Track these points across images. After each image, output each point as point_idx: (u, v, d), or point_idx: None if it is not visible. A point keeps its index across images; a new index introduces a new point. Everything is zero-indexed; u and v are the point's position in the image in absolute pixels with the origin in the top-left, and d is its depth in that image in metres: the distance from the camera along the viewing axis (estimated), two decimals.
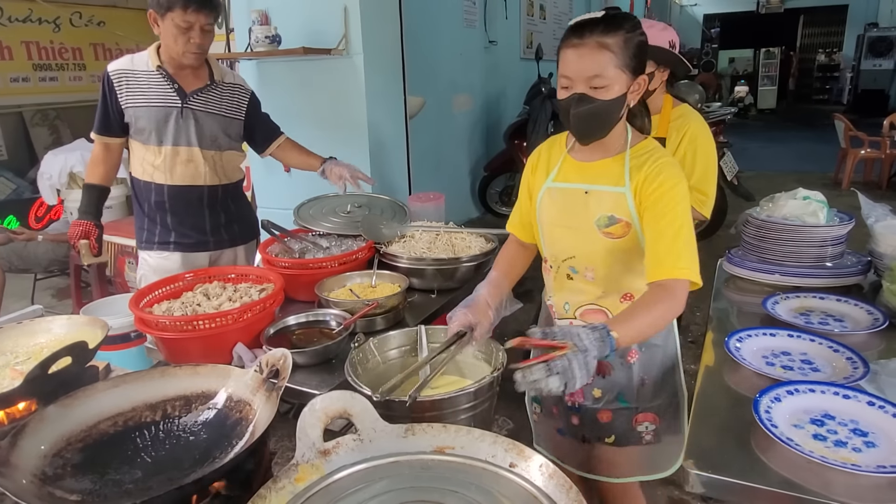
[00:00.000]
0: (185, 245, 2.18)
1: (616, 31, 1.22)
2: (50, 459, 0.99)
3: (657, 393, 1.46)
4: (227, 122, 2.17)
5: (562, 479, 0.87)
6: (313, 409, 0.98)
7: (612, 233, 1.33)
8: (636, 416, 1.46)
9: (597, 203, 1.35)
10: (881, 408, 1.11)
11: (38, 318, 1.58)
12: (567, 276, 1.44)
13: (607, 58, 1.22)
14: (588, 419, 1.50)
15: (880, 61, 13.47)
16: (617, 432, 1.48)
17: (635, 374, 1.44)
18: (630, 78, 1.26)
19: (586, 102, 1.25)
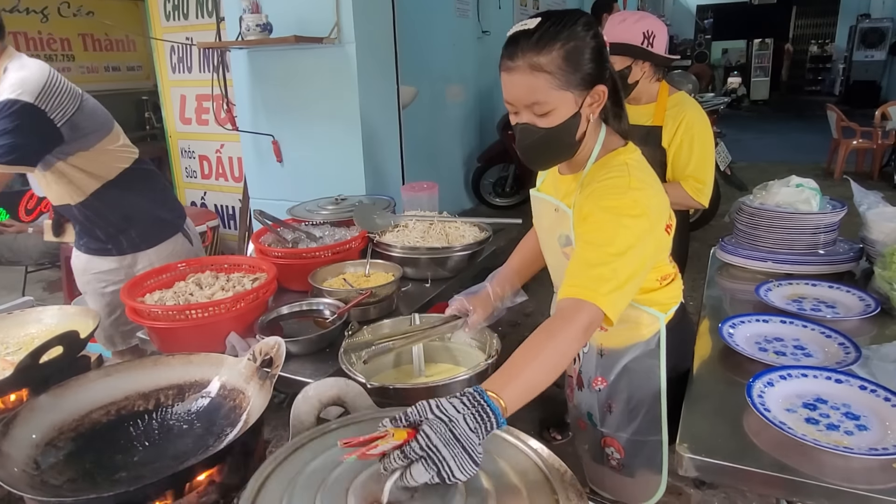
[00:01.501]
0: (89, 249, 2.07)
1: (550, 46, 1.04)
2: (42, 449, 0.98)
3: (626, 424, 1.37)
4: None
5: (556, 461, 0.87)
6: (307, 395, 0.98)
7: (568, 253, 1.22)
8: (603, 437, 1.42)
9: (561, 221, 1.24)
10: (873, 392, 1.12)
11: (28, 308, 1.57)
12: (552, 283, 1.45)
13: (542, 80, 1.05)
14: (573, 420, 1.54)
15: (872, 52, 13.51)
16: (589, 443, 1.48)
17: (601, 399, 1.39)
18: (579, 95, 1.09)
19: (529, 134, 1.11)
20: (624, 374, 1.36)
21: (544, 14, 1.08)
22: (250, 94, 3.13)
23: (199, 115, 4.23)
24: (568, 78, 1.06)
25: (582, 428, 1.49)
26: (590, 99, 1.11)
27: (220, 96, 3.44)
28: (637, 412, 1.36)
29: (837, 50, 15.76)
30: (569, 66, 1.06)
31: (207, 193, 4.44)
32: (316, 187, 2.74)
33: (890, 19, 13.35)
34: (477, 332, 1.42)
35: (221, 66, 3.40)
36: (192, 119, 4.29)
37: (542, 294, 1.61)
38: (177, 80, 4.25)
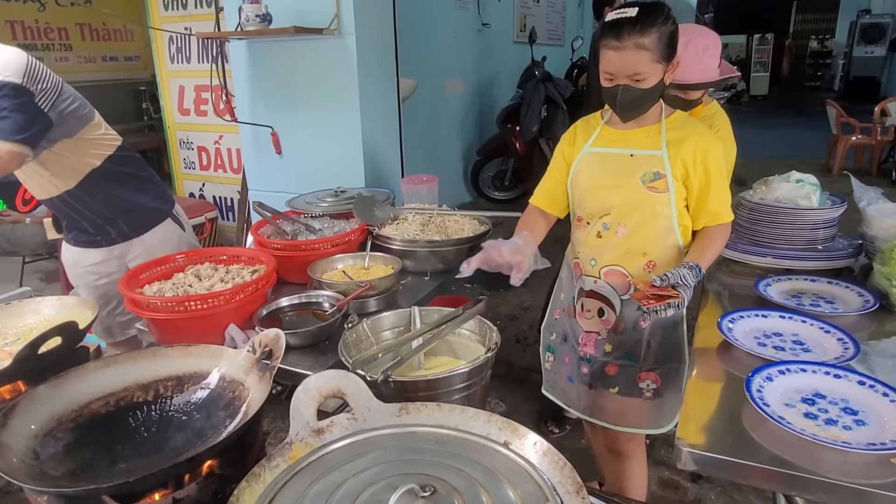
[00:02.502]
0: (79, 241, 2.04)
1: (650, 28, 1.35)
2: (41, 439, 0.98)
3: (661, 356, 1.58)
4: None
5: (556, 456, 0.87)
6: (307, 388, 0.98)
7: (656, 187, 1.49)
8: (640, 373, 1.59)
9: (641, 163, 1.51)
10: (871, 387, 1.12)
11: (27, 299, 1.56)
12: (598, 233, 1.57)
13: (645, 57, 1.37)
14: (596, 370, 1.65)
15: (872, 48, 13.50)
16: (620, 385, 1.62)
17: (644, 337, 1.57)
18: (665, 65, 1.41)
19: (630, 93, 1.41)
20: None
21: (640, 5, 1.38)
22: (249, 86, 3.12)
23: (198, 105, 4.21)
24: (660, 54, 1.38)
25: (612, 373, 1.63)
26: (669, 68, 1.43)
27: (219, 87, 3.43)
28: (668, 343, 1.58)
29: (837, 45, 15.76)
30: (661, 44, 1.37)
31: (206, 185, 4.43)
32: (315, 179, 2.72)
33: (890, 15, 13.34)
34: (476, 325, 1.42)
35: (220, 57, 3.38)
36: (190, 110, 4.27)
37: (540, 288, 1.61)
38: (175, 70, 4.23)
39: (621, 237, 1.54)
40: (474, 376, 1.25)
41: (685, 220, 1.54)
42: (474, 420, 0.98)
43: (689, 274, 1.37)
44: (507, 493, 0.81)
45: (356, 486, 0.82)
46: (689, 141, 1.48)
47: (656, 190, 1.49)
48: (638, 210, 1.52)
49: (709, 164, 1.48)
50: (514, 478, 0.84)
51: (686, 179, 1.50)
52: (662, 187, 1.49)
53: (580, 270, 1.64)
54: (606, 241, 1.57)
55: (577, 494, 0.80)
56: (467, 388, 1.24)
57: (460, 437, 0.95)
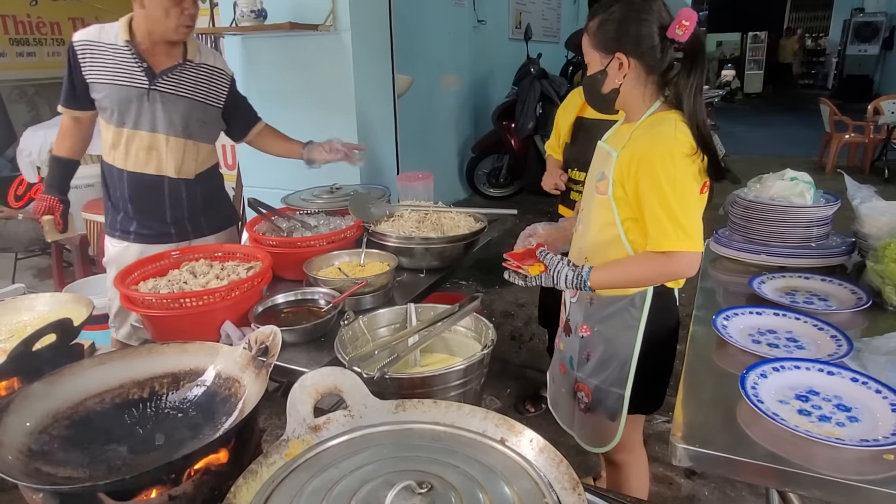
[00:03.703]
0: (144, 237, 2.03)
1: (595, 15, 1.37)
2: (36, 436, 0.98)
3: (597, 372, 1.53)
4: (202, 107, 2.00)
5: (552, 452, 0.87)
6: (303, 385, 0.97)
7: (599, 187, 1.44)
8: (577, 382, 1.58)
9: (600, 159, 1.49)
10: (864, 384, 1.13)
11: (21, 295, 1.55)
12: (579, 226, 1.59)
13: (586, 39, 1.40)
14: (555, 364, 1.70)
15: (866, 46, 13.56)
16: (566, 387, 1.64)
17: (581, 346, 1.55)
18: (603, 56, 1.37)
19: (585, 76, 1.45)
20: (605, 325, 1.50)
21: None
22: (244, 81, 3.10)
23: None
24: (597, 41, 1.37)
25: (562, 372, 1.65)
26: (615, 62, 1.36)
27: None
28: (608, 364, 1.51)
29: (831, 44, 15.81)
30: (600, 32, 1.36)
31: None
32: (310, 176, 2.71)
33: (884, 14, 13.39)
34: (472, 322, 1.43)
35: None
36: None
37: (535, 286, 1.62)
38: None
39: (579, 234, 1.55)
40: (470, 373, 1.25)
41: (634, 234, 1.40)
42: (471, 417, 0.98)
43: (566, 270, 1.35)
44: (504, 489, 0.81)
45: (353, 483, 0.82)
46: (636, 143, 1.34)
47: (598, 191, 1.44)
48: (588, 209, 1.50)
49: (640, 177, 1.31)
50: (510, 474, 0.85)
51: (625, 185, 1.37)
52: (603, 188, 1.42)
53: None
54: (575, 235, 1.59)
55: (574, 491, 0.80)
56: (463, 384, 1.24)
57: (457, 433, 0.95)
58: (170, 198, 2.02)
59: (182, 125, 1.96)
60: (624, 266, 1.39)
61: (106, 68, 1.89)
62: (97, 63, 1.89)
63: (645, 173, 1.30)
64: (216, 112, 2.06)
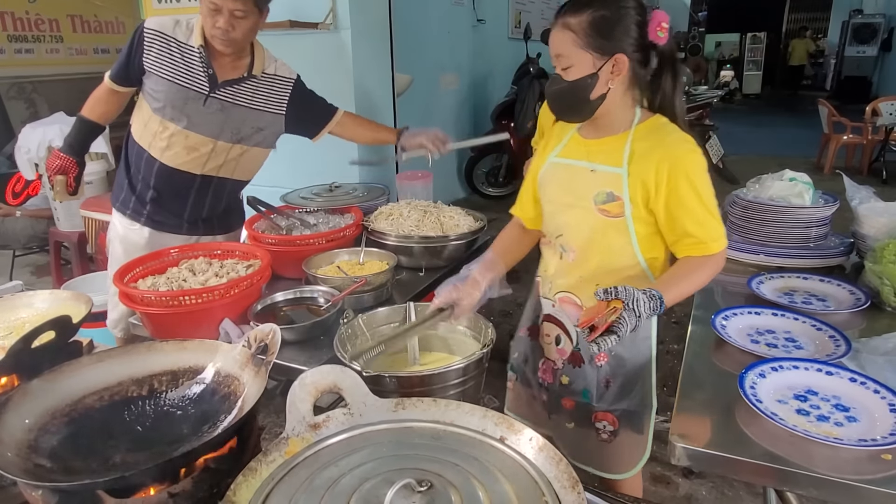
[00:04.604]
0: (156, 223, 2.01)
1: (583, 9, 1.22)
2: (35, 433, 0.98)
3: (621, 397, 1.42)
4: (258, 115, 1.95)
5: (551, 451, 0.87)
6: (303, 383, 0.97)
7: (608, 210, 1.30)
8: (595, 413, 1.44)
9: (599, 180, 1.32)
10: (862, 384, 1.13)
11: (19, 292, 1.55)
12: (559, 254, 1.44)
13: (567, 37, 1.23)
14: (553, 400, 1.53)
15: (864, 48, 13.58)
16: (576, 420, 1.49)
17: (601, 375, 1.42)
18: (595, 58, 1.23)
19: (555, 83, 1.29)
20: (622, 347, 1.37)
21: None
22: None
23: None
24: (586, 40, 1.22)
25: (568, 407, 1.49)
26: (610, 65, 1.24)
27: None
28: (633, 385, 1.41)
29: (830, 45, 15.83)
30: (590, 30, 1.21)
31: None
32: (310, 174, 2.72)
33: (882, 15, 13.41)
34: (471, 321, 1.43)
35: None
36: None
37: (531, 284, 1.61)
38: None
39: (572, 262, 1.40)
40: (469, 372, 1.25)
41: (654, 251, 1.34)
42: (470, 416, 0.98)
43: (643, 299, 1.11)
44: (503, 488, 0.82)
45: (353, 481, 0.83)
46: (653, 154, 1.25)
47: (608, 213, 1.30)
48: (587, 234, 1.35)
49: (678, 180, 1.23)
50: (509, 473, 0.85)
51: (649, 202, 1.27)
52: (616, 211, 1.29)
53: (539, 290, 1.53)
54: (563, 265, 1.42)
55: (573, 489, 0.80)
56: (462, 383, 1.25)
57: (456, 432, 0.95)
58: (196, 196, 1.99)
59: (233, 131, 1.93)
60: (689, 276, 1.26)
61: (171, 64, 1.84)
62: (163, 57, 1.84)
63: (682, 177, 1.23)
64: (275, 118, 2.00)
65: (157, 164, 1.93)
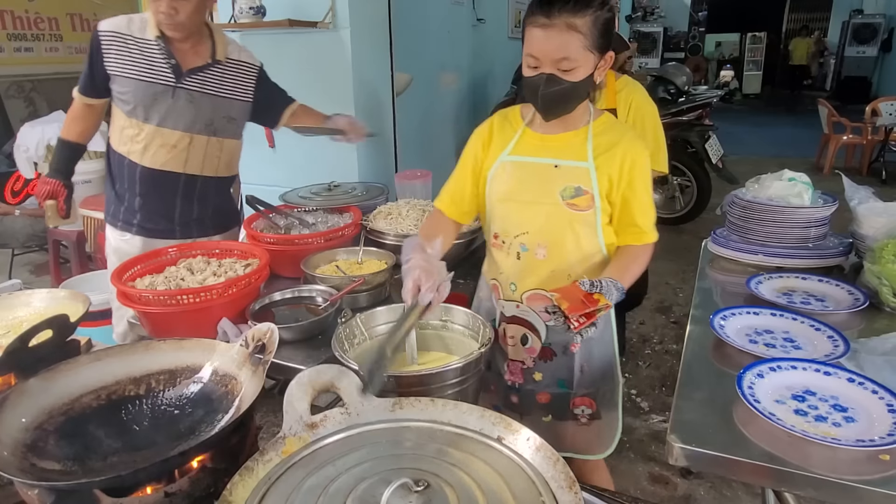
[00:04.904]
0: (147, 230, 1.98)
1: (585, 9, 1.21)
2: (32, 432, 0.97)
3: (594, 380, 1.49)
4: (228, 103, 1.94)
5: (548, 451, 0.87)
6: (300, 382, 0.97)
7: (577, 204, 1.34)
8: (573, 399, 1.50)
9: (563, 176, 1.35)
10: (860, 384, 1.13)
11: (17, 291, 1.55)
12: (517, 254, 1.42)
13: (576, 40, 1.21)
14: (527, 399, 1.54)
15: (864, 48, 13.58)
16: (554, 412, 1.52)
17: (577, 362, 1.47)
18: (597, 57, 1.26)
19: (554, 84, 1.25)
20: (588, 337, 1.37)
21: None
22: None
23: None
24: (594, 41, 1.23)
25: (544, 401, 1.52)
26: (602, 63, 1.28)
27: None
28: (604, 365, 1.50)
29: (830, 45, 15.82)
30: (595, 30, 1.23)
31: None
32: (308, 174, 2.71)
33: (882, 15, 13.42)
34: (470, 320, 1.43)
35: None
36: None
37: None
38: None
39: (542, 259, 1.40)
40: (467, 372, 1.25)
41: (611, 237, 1.41)
42: (468, 415, 0.98)
43: (614, 291, 1.22)
44: (501, 487, 0.81)
45: (350, 481, 0.82)
46: (617, 149, 1.33)
47: (577, 207, 1.34)
48: (558, 230, 1.37)
49: (635, 175, 1.34)
50: (507, 473, 0.85)
51: (610, 194, 1.35)
52: (585, 205, 1.34)
53: (499, 294, 1.51)
54: (527, 264, 1.42)
55: (570, 490, 0.80)
56: (460, 383, 1.24)
57: (454, 431, 0.95)
58: (182, 196, 1.97)
59: (206, 122, 1.92)
60: (634, 265, 1.35)
61: (132, 63, 1.83)
62: (124, 56, 1.83)
63: (638, 173, 1.34)
64: (244, 106, 2.00)
65: (139, 169, 1.91)
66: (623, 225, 1.38)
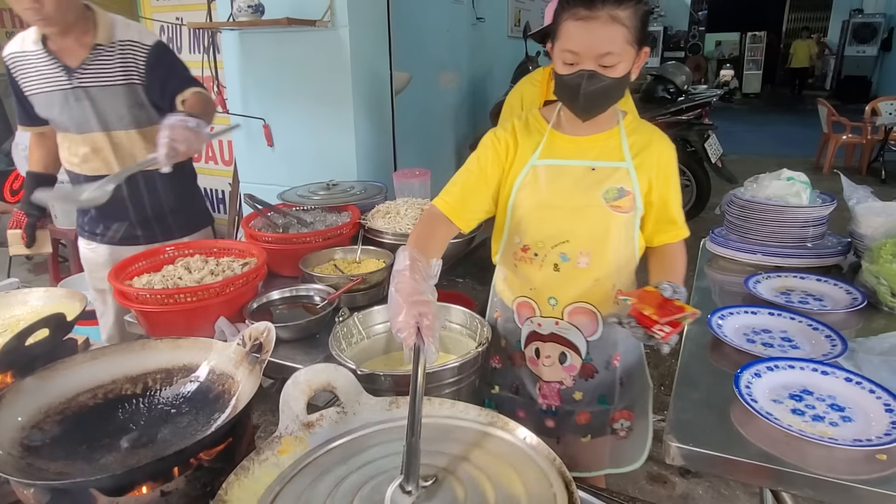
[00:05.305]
0: (111, 238, 1.96)
1: (628, 2, 1.13)
2: (28, 431, 0.97)
3: (631, 391, 1.46)
4: (126, 90, 1.79)
5: (545, 450, 0.87)
6: (297, 381, 0.97)
7: (620, 206, 1.28)
8: (613, 414, 1.44)
9: (603, 177, 1.28)
10: (858, 384, 1.13)
11: (14, 290, 1.55)
12: (554, 266, 1.33)
13: (620, 33, 1.13)
14: (564, 422, 1.45)
15: (864, 48, 13.58)
16: (593, 431, 1.45)
17: (617, 376, 1.42)
18: (636, 52, 1.19)
19: (596, 81, 1.16)
20: (626, 344, 1.41)
21: None
22: (241, 77, 3.09)
23: None
24: (636, 34, 1.16)
25: (583, 421, 1.43)
26: (638, 58, 1.21)
27: (211, 78, 3.40)
28: (640, 375, 1.48)
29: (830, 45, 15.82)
30: (637, 24, 1.15)
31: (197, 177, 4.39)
32: (307, 172, 2.71)
33: (882, 15, 13.41)
34: (467, 320, 1.43)
35: (212, 48, 3.35)
36: None
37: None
38: None
39: (584, 268, 1.31)
40: (465, 371, 1.25)
41: (642, 241, 1.36)
42: (464, 414, 0.98)
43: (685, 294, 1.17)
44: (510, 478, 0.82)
45: (359, 479, 0.84)
46: (651, 149, 1.29)
47: (620, 209, 1.28)
48: (600, 235, 1.29)
49: (669, 173, 1.31)
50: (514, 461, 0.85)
51: (649, 195, 1.30)
52: (627, 206, 1.28)
53: (533, 311, 1.39)
54: (567, 275, 1.32)
55: (566, 489, 0.80)
56: (457, 382, 1.24)
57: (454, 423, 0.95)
58: (130, 197, 1.90)
59: (117, 117, 1.81)
60: (677, 265, 1.31)
61: (34, 78, 1.78)
62: (27, 74, 1.79)
63: (672, 170, 1.33)
64: (139, 90, 1.83)
65: (83, 178, 1.88)
66: (662, 224, 1.34)
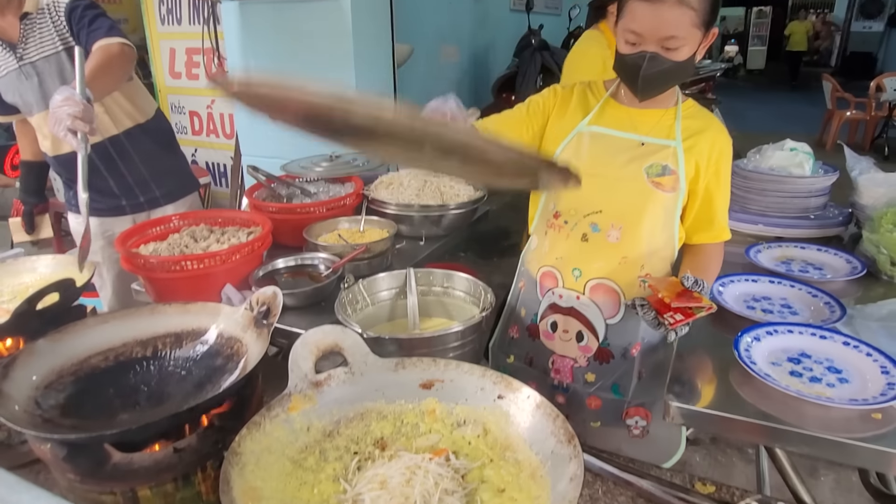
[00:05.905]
0: (97, 210, 1.95)
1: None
2: (42, 391, 0.99)
3: (651, 388, 1.35)
4: (68, 55, 1.76)
5: (548, 408, 0.89)
6: (305, 342, 0.99)
7: (662, 184, 1.23)
8: (627, 409, 1.37)
9: (649, 153, 1.25)
10: (855, 347, 1.15)
11: (22, 257, 1.56)
12: (583, 235, 1.29)
13: (687, 17, 1.08)
14: (575, 402, 1.40)
15: (870, 23, 13.39)
16: (604, 420, 1.39)
17: (635, 367, 1.34)
18: (703, 34, 1.14)
19: (658, 64, 1.13)
20: (650, 335, 1.33)
21: None
22: (242, 49, 3.07)
23: (190, 69, 4.14)
24: (704, 17, 1.10)
25: (594, 406, 1.39)
26: (705, 40, 1.16)
27: (211, 50, 3.37)
28: (660, 371, 1.33)
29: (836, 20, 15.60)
30: (707, 5, 1.10)
31: (198, 150, 4.38)
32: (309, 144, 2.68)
33: None
34: (471, 286, 1.44)
35: (212, 19, 3.32)
36: (181, 73, 4.20)
37: None
38: (166, 32, 4.15)
39: (614, 242, 1.27)
40: (468, 336, 1.27)
41: (681, 232, 1.31)
42: (469, 374, 1.00)
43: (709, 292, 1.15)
44: None
45: None
46: (705, 135, 1.24)
47: (662, 187, 1.23)
48: (638, 210, 1.25)
49: (721, 168, 1.26)
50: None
51: (694, 182, 1.25)
52: (670, 185, 1.23)
53: (556, 282, 1.36)
54: (595, 247, 1.29)
55: (569, 444, 0.82)
56: (461, 346, 1.26)
57: None
58: (105, 166, 1.91)
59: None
60: (710, 266, 1.28)
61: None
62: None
63: (724, 165, 1.26)
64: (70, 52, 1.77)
65: (57, 158, 1.90)
66: (702, 221, 1.29)
